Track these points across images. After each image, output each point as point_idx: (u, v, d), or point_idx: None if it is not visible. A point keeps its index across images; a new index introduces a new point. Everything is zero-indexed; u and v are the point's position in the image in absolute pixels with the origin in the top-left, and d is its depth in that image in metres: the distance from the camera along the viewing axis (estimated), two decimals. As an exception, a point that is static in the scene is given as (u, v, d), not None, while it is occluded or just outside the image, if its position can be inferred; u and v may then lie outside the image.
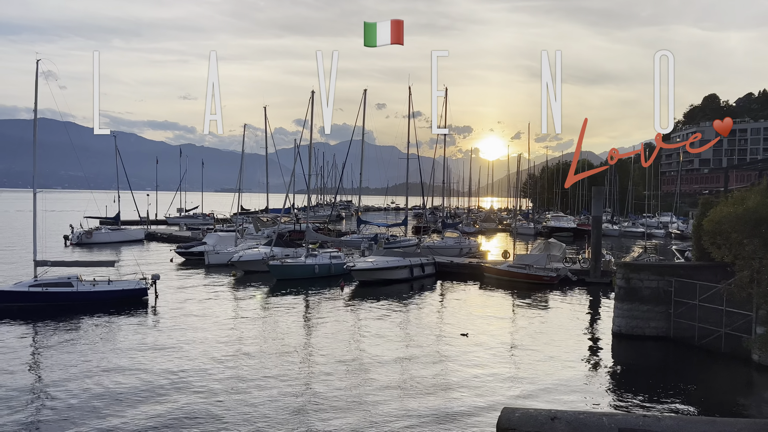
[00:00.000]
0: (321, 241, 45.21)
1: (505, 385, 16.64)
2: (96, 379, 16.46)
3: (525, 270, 34.21)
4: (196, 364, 17.96)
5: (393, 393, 15.73)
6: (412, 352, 19.98)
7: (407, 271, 35.21)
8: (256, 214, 69.27)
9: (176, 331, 22.20)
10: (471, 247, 48.56)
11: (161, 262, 42.23)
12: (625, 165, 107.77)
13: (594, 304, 29.90)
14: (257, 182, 74.65)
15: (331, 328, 23.35)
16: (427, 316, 26.54)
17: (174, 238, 59.06)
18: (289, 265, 35.11)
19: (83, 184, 76.94)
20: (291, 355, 19.18)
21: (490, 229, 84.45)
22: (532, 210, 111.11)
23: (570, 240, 61.53)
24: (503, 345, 21.18)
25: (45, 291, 25.73)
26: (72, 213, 79.95)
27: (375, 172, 77.19)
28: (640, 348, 21.00)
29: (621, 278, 22.19)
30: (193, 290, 31.44)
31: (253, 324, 23.96)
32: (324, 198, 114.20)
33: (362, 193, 66.27)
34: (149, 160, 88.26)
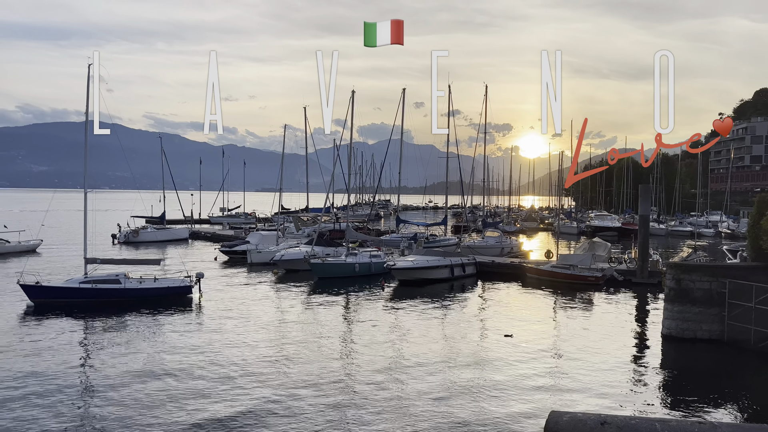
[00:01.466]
0: (360, 241, 45.31)
1: (552, 388, 16.26)
2: (141, 375, 16.80)
3: (569, 270, 33.49)
4: (238, 362, 18.16)
5: (435, 395, 15.55)
6: (453, 353, 19.75)
7: (448, 270, 34.91)
8: (296, 214, 69.92)
9: (219, 329, 22.53)
10: (512, 246, 47.86)
11: (205, 261, 43.03)
12: (672, 162, 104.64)
13: (641, 305, 29.05)
14: (297, 182, 75.40)
15: (371, 327, 23.31)
16: (469, 316, 26.24)
17: (217, 237, 60.07)
18: (330, 264, 35.26)
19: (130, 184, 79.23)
20: (332, 356, 19.22)
21: (531, 228, 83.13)
22: (575, 209, 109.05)
23: (615, 239, 60.04)
24: (548, 347, 20.73)
25: (94, 287, 26.49)
26: (119, 212, 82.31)
27: (413, 170, 76.85)
28: (691, 351, 20.27)
29: (671, 279, 21.46)
30: (236, 288, 31.90)
31: (295, 323, 24.12)
32: (363, 197, 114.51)
33: (400, 192, 66.17)
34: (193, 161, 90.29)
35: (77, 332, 21.97)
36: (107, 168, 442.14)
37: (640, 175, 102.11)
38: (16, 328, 22.40)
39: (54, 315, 24.18)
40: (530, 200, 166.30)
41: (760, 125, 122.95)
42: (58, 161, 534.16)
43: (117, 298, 26.56)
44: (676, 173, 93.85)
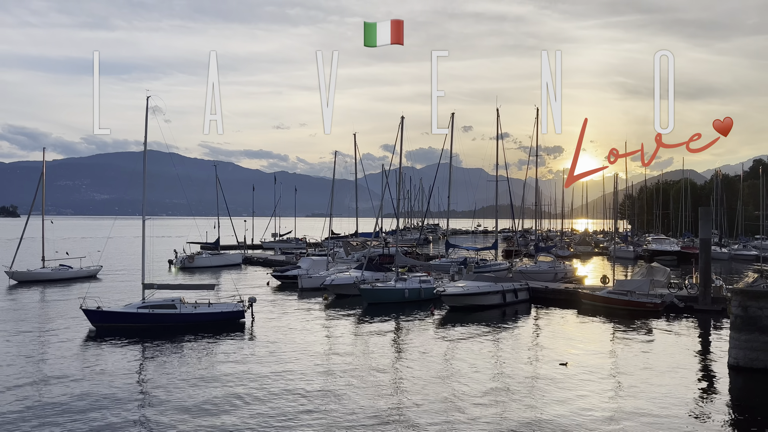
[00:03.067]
0: (410, 265, 45.15)
1: (610, 421, 15.58)
2: (193, 403, 17.05)
3: (626, 296, 32.33)
4: (287, 385, 18.22)
5: (487, 427, 15.14)
6: (506, 381, 19.26)
7: (499, 296, 34.28)
8: (346, 239, 70.43)
9: (271, 355, 22.70)
10: (566, 271, 46.66)
11: (258, 286, 43.71)
12: (733, 183, 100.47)
13: (705, 333, 27.72)
14: (347, 207, 76.18)
15: (421, 354, 23.04)
16: (522, 344, 25.61)
17: (269, 262, 61.04)
18: (380, 289, 35.21)
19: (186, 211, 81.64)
20: (382, 387, 19.02)
21: (585, 252, 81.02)
22: (631, 232, 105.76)
23: (674, 264, 57.79)
24: (606, 377, 19.96)
25: (151, 312, 27.23)
26: (176, 239, 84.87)
27: (462, 194, 76.56)
28: (761, 383, 19.12)
29: (737, 306, 20.39)
30: (287, 313, 32.21)
31: (346, 349, 24.09)
32: (411, 222, 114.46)
33: (449, 216, 65.84)
34: (246, 187, 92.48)
35: (135, 357, 22.56)
36: (164, 196, 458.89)
37: (699, 197, 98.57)
38: (79, 352, 23.21)
39: (114, 339, 24.93)
40: (583, 223, 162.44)
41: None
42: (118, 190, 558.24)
43: (173, 323, 27.20)
44: (738, 195, 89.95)
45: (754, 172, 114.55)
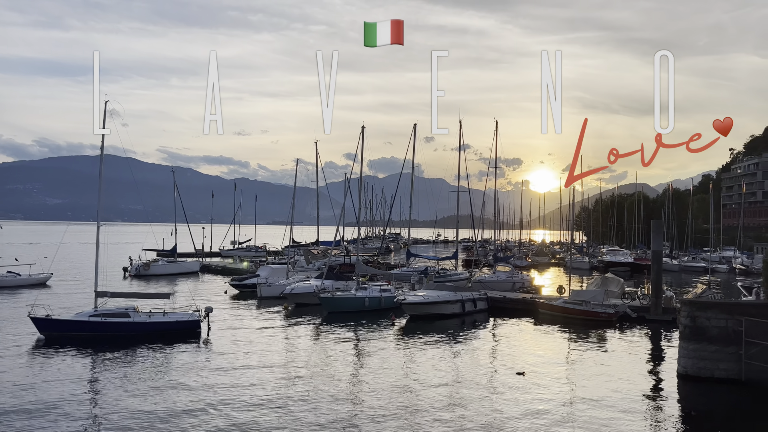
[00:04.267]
0: (371, 274, 45.12)
1: (564, 428, 15.87)
2: (145, 412, 16.62)
3: (582, 306, 33.06)
4: (245, 400, 17.93)
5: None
6: (464, 390, 19.41)
7: (459, 305, 34.58)
8: (307, 247, 69.97)
9: (227, 365, 22.32)
10: (524, 281, 47.45)
11: (215, 294, 42.97)
12: (684, 197, 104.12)
13: (656, 342, 28.53)
14: (308, 215, 75.74)
15: (381, 363, 23.02)
16: (480, 353, 25.87)
17: (228, 270, 60.14)
18: (340, 298, 35.08)
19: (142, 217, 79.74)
20: (341, 394, 18.95)
21: (542, 263, 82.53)
22: (587, 243, 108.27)
23: (627, 275, 59.37)
24: (561, 386, 20.33)
25: (103, 321, 26.45)
26: (131, 245, 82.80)
27: (424, 204, 77.08)
28: (709, 391, 19.77)
29: (686, 316, 21.08)
30: (245, 322, 31.74)
31: (304, 359, 23.89)
32: (373, 231, 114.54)
33: (411, 226, 66.19)
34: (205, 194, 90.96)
35: (85, 366, 21.87)
36: (120, 201, 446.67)
37: (652, 210, 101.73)
38: (26, 361, 22.35)
39: (63, 349, 24.10)
40: (541, 234, 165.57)
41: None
42: (72, 194, 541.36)
43: (126, 332, 26.47)
44: (688, 208, 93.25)
45: (703, 186, 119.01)
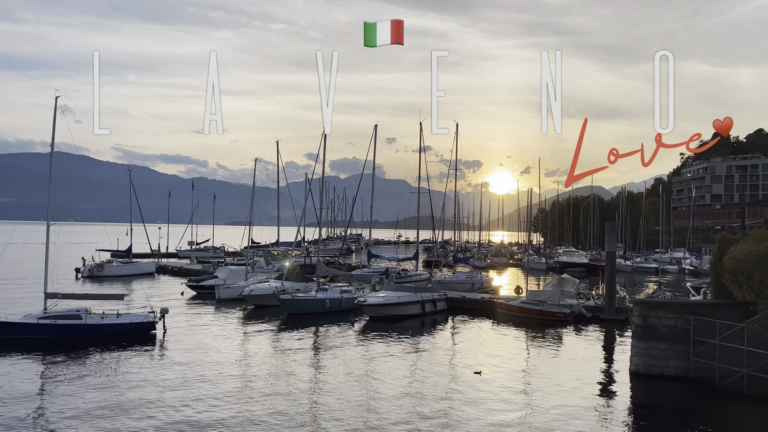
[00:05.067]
0: (331, 276, 44.97)
1: (519, 426, 16.15)
2: (98, 416, 16.16)
3: (538, 306, 33.69)
4: (202, 400, 17.63)
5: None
6: (423, 390, 19.53)
7: (419, 306, 34.78)
8: (266, 248, 69.25)
9: (183, 366, 21.90)
10: (483, 282, 48.06)
11: (172, 296, 42.10)
12: (637, 200, 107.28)
13: (609, 341, 29.28)
14: (268, 215, 74.87)
15: (341, 364, 22.97)
16: (439, 353, 26.08)
17: (184, 271, 59.06)
18: (300, 300, 34.82)
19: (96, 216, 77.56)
20: (299, 393, 18.83)
21: (501, 263, 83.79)
22: (544, 245, 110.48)
23: (582, 275, 60.80)
24: (517, 384, 20.67)
25: (53, 323, 25.61)
26: (84, 246, 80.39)
27: (385, 205, 77.32)
28: (659, 388, 20.41)
29: (638, 316, 21.72)
30: (202, 324, 31.19)
31: (262, 360, 23.64)
32: (334, 231, 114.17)
33: (372, 227, 66.24)
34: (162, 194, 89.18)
35: (34, 371, 21.10)
36: (73, 200, 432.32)
37: (606, 212, 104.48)
38: (-31, 366, 21.42)
39: (11, 352, 23.22)
40: (500, 236, 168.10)
41: (719, 165, 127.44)
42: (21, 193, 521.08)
43: (77, 334, 25.69)
44: (641, 211, 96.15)
45: (655, 190, 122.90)
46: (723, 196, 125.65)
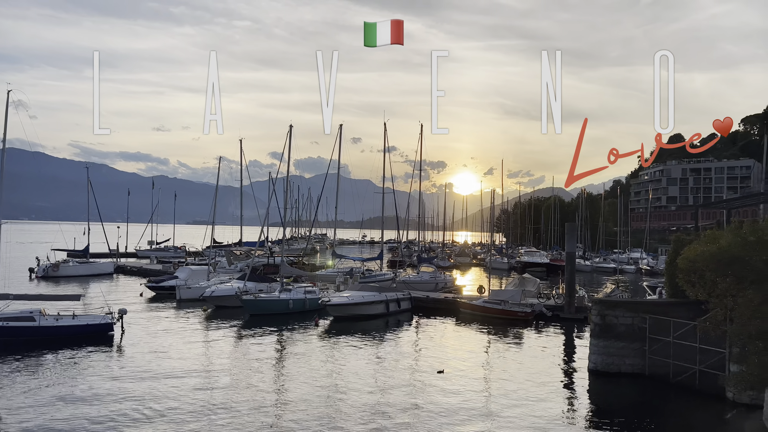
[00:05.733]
0: (295, 276, 44.66)
1: (481, 424, 16.34)
2: (51, 420, 15.69)
3: (500, 306, 34.14)
4: (161, 404, 17.29)
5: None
6: (387, 390, 19.58)
7: (383, 306, 34.85)
8: (229, 248, 68.31)
9: (141, 369, 21.44)
10: (446, 281, 48.44)
11: (131, 297, 41.17)
12: (596, 201, 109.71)
13: (569, 340, 29.87)
14: (231, 215, 73.79)
15: (304, 365, 22.84)
16: (403, 352, 26.17)
17: (144, 271, 57.90)
18: (263, 300, 34.47)
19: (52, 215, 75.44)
20: (262, 395, 18.64)
21: (464, 263, 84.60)
22: (506, 245, 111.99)
23: (543, 275, 61.86)
24: (479, 383, 20.92)
25: (5, 326, 24.74)
26: (39, 245, 77.92)
27: (350, 205, 77.07)
28: (616, 385, 20.92)
29: (596, 315, 22.22)
30: (162, 326, 30.59)
31: (224, 362, 23.32)
32: (298, 231, 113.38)
33: (337, 227, 66.01)
34: (121, 192, 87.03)
35: (-16, 375, 20.33)
36: (28, 198, 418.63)
37: (567, 213, 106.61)
38: None
39: (-42, 356, 22.33)
40: (463, 236, 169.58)
41: (674, 168, 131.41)
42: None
43: (30, 336, 24.88)
44: (600, 212, 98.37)
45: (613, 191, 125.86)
46: (678, 198, 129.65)
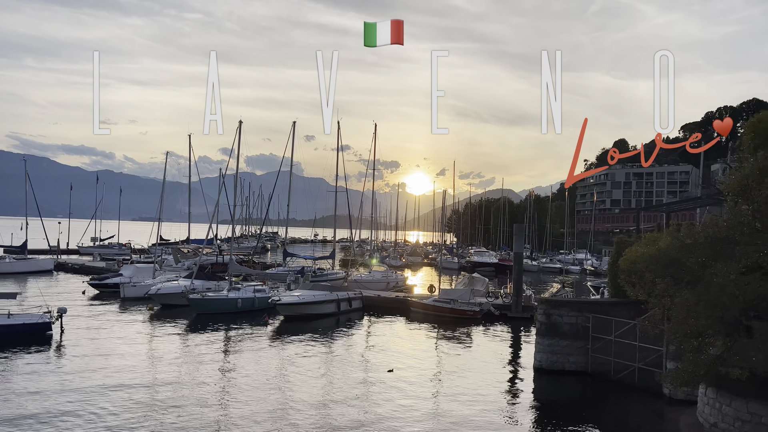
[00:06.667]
0: (245, 274, 44.02)
1: (429, 422, 16.51)
2: (-11, 424, 14.99)
3: (450, 304, 34.57)
4: (102, 407, 16.73)
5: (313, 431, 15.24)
6: (336, 389, 19.54)
7: (334, 305, 34.74)
8: (176, 245, 66.74)
9: (81, 370, 20.69)
10: (398, 280, 48.71)
11: (72, 295, 39.68)
12: (543, 203, 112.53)
13: (516, 338, 30.51)
14: (178, 212, 71.99)
15: (253, 365, 22.53)
16: (353, 351, 26.17)
17: (86, 268, 55.96)
18: (211, 299, 33.83)
19: (-13, 209, 71.91)
20: (209, 396, 18.29)
21: (416, 262, 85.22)
22: (457, 245, 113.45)
23: (492, 275, 62.96)
24: (427, 381, 21.12)
25: (-66, 326, 23.44)
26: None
27: (302, 203, 76.42)
28: (560, 383, 21.49)
29: (542, 314, 22.77)
30: (104, 325, 29.60)
31: (169, 363, 22.75)
32: (249, 229, 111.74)
33: (289, 225, 65.39)
34: (63, 186, 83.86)
35: None
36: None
37: (515, 214, 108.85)
38: None
39: None
40: (415, 235, 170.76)
41: (618, 172, 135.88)
42: None
43: (-38, 337, 23.64)
44: (547, 214, 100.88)
45: (560, 194, 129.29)
46: (622, 201, 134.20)
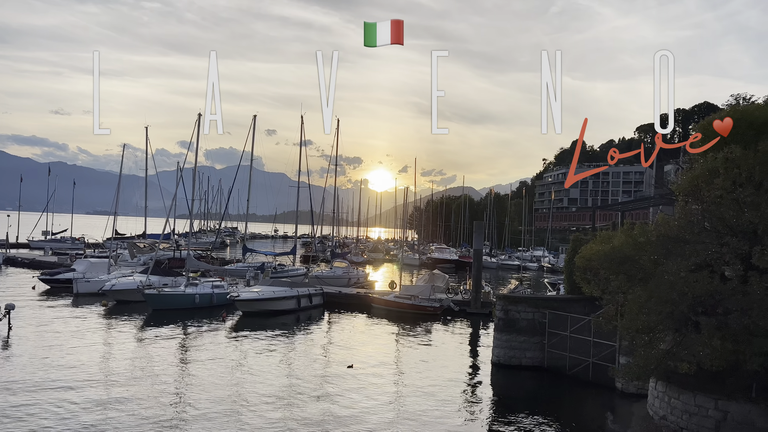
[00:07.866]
0: (203, 270, 43.29)
1: (388, 416, 16.59)
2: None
3: (410, 300, 34.78)
4: (51, 409, 16.23)
5: (271, 429, 15.11)
6: (296, 387, 19.42)
7: (294, 301, 34.50)
8: (132, 240, 65.20)
9: (30, 369, 20.01)
10: (359, 277, 48.70)
11: (21, 290, 38.31)
12: (503, 201, 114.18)
13: (475, 334, 30.91)
14: (135, 205, 70.29)
15: (210, 363, 22.21)
16: (314, 348, 26.06)
17: (37, 263, 54.12)
18: (167, 295, 33.16)
19: (-71, 200, 68.91)
20: (165, 396, 17.94)
21: (377, 259, 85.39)
22: (418, 241, 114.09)
23: (452, 271, 63.61)
24: (387, 377, 21.21)
25: None
26: None
27: (263, 198, 75.73)
28: (517, 378, 21.88)
29: (500, 310, 23.13)
30: (56, 322, 28.69)
31: (124, 361, 22.22)
32: (208, 224, 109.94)
33: (249, 220, 64.58)
34: (13, 177, 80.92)
35: None
36: None
37: (476, 212, 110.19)
38: None
39: None
40: (377, 232, 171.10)
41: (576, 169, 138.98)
42: None
43: None
44: (506, 211, 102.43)
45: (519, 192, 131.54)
46: (578, 200, 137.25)
